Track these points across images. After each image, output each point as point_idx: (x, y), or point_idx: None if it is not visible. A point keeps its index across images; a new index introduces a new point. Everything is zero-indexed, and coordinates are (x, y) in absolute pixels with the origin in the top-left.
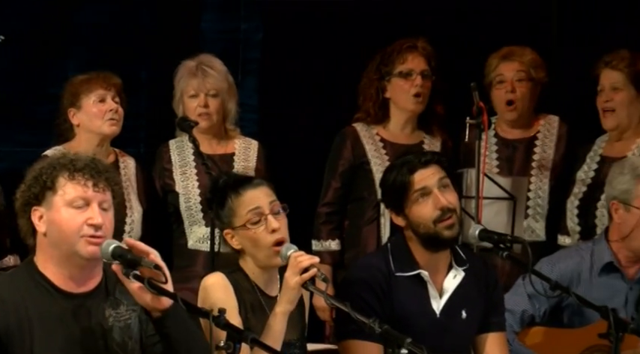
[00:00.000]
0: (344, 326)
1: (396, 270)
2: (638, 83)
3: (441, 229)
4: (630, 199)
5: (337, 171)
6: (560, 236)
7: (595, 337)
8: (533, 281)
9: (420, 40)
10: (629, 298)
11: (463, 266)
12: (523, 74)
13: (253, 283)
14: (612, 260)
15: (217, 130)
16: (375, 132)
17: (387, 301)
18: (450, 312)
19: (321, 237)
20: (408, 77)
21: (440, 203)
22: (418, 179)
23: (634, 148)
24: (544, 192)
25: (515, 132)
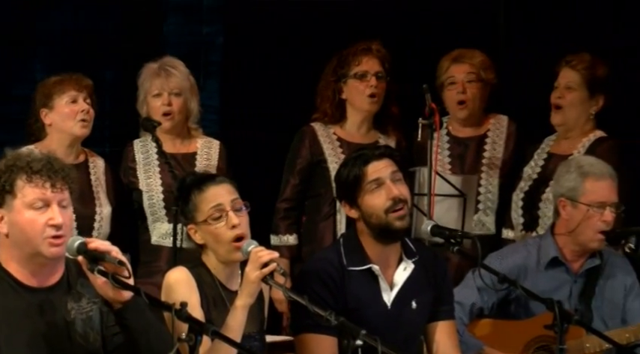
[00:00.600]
0: (299, 320)
1: (348, 264)
2: (592, 87)
3: (393, 219)
4: (577, 195)
5: (295, 168)
6: (504, 230)
7: (541, 328)
8: (483, 275)
9: (375, 43)
10: (574, 291)
11: (413, 258)
12: (473, 76)
13: (215, 278)
14: (558, 255)
15: (180, 129)
16: (332, 131)
17: (341, 295)
18: (400, 303)
19: (279, 232)
20: (363, 79)
21: (392, 193)
22: (372, 170)
23: (580, 147)
24: (494, 187)
25: (467, 131)
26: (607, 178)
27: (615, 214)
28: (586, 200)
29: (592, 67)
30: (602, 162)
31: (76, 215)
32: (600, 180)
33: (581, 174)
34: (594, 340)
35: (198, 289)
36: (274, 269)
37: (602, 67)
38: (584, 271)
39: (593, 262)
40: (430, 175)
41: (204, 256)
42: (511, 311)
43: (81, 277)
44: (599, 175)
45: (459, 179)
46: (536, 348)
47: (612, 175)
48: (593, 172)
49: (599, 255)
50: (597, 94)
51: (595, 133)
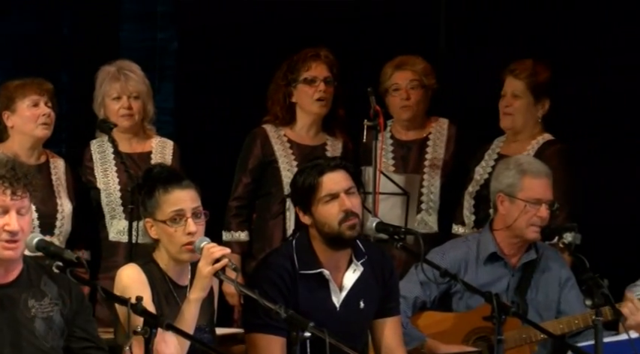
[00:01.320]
0: (250, 320)
1: (300, 268)
2: (536, 92)
3: (344, 229)
4: (515, 191)
5: (247, 168)
6: (455, 226)
7: (480, 319)
8: (425, 269)
9: (323, 49)
10: (511, 285)
11: (362, 259)
12: (416, 82)
13: (165, 274)
14: (496, 250)
15: (137, 130)
16: (283, 133)
17: (292, 298)
18: (349, 304)
19: (231, 228)
20: (312, 83)
21: (345, 206)
22: (327, 182)
23: (529, 149)
24: (436, 188)
25: (410, 133)
26: (544, 177)
27: (550, 210)
28: (523, 196)
29: (535, 74)
30: (539, 161)
31: (39, 214)
32: (537, 178)
33: (520, 171)
34: (530, 331)
35: (149, 285)
36: (226, 264)
37: (545, 71)
38: (521, 265)
39: (529, 256)
40: (375, 175)
41: (156, 253)
42: (452, 304)
43: (45, 275)
44: (537, 173)
45: (403, 178)
46: (475, 338)
47: (548, 174)
48: (531, 170)
49: (535, 250)
50: (542, 98)
51: (544, 136)
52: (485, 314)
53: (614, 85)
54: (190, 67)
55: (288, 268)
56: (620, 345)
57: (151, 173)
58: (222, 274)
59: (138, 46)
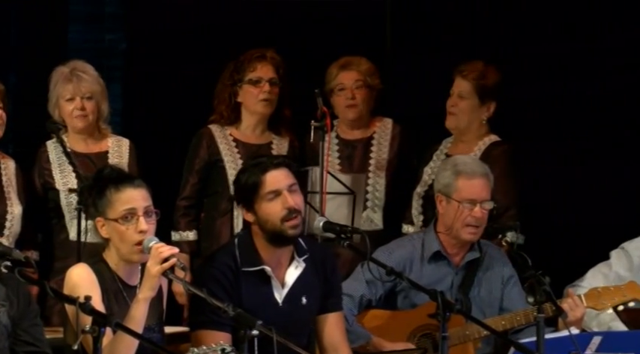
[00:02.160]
0: (196, 317)
1: (242, 265)
2: (482, 95)
3: (287, 227)
4: (450, 192)
5: (194, 168)
6: (405, 226)
7: (425, 317)
8: (371, 268)
9: (269, 50)
10: (455, 283)
11: (303, 256)
12: (360, 82)
13: (115, 274)
14: (440, 249)
15: (92, 129)
16: (229, 133)
17: (235, 294)
18: (291, 300)
19: (179, 228)
20: (257, 84)
21: (288, 204)
22: (269, 180)
23: (476, 149)
24: (381, 186)
25: (355, 133)
26: (478, 177)
27: (487, 210)
28: (457, 197)
29: (482, 77)
30: (477, 161)
31: None
32: (472, 178)
33: (455, 172)
34: (473, 328)
35: (98, 285)
36: (174, 264)
37: (494, 75)
38: (464, 264)
39: (472, 255)
40: (322, 174)
41: (105, 252)
42: (397, 302)
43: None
44: (471, 174)
45: (349, 178)
46: (420, 336)
47: (484, 174)
48: (466, 171)
49: (479, 248)
50: (488, 101)
51: (490, 138)
52: (429, 312)
53: (566, 88)
54: (138, 69)
55: (231, 265)
56: (562, 341)
57: (101, 174)
58: (170, 274)
59: (86, 47)
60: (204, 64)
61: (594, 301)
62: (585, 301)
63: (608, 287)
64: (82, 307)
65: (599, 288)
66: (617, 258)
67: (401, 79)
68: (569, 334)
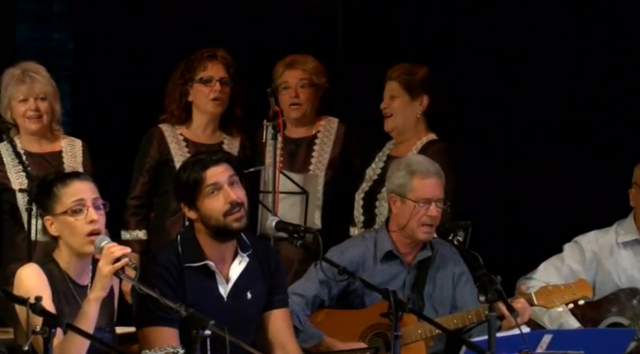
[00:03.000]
0: (142, 314)
1: (185, 261)
2: (411, 90)
3: (231, 221)
4: (405, 192)
5: (144, 167)
6: (351, 228)
7: (377, 316)
8: (324, 268)
9: (220, 49)
10: (407, 282)
11: (247, 251)
12: (305, 81)
13: (65, 274)
14: (392, 248)
15: (45, 131)
16: (179, 132)
17: (180, 291)
18: (236, 295)
19: (129, 227)
20: (208, 83)
21: (230, 197)
22: (210, 175)
23: (414, 149)
24: (320, 185)
25: (299, 131)
26: (432, 176)
27: (441, 209)
28: (413, 196)
29: (408, 73)
30: (429, 161)
31: None
32: (426, 178)
33: (409, 172)
34: (425, 326)
35: (49, 285)
36: (126, 263)
37: (420, 69)
38: (416, 263)
39: (424, 254)
40: (274, 174)
41: (56, 252)
42: (350, 301)
43: None
44: (425, 173)
45: (302, 177)
46: (372, 335)
47: (438, 173)
48: (420, 171)
49: (431, 247)
50: (419, 95)
51: (428, 136)
52: (382, 311)
53: (513, 90)
54: (87, 68)
55: (174, 261)
56: (513, 339)
57: (46, 178)
58: (122, 273)
59: (34, 46)
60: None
61: (545, 299)
62: (536, 300)
63: (558, 286)
64: (32, 308)
65: (549, 286)
66: (570, 251)
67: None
68: (520, 333)
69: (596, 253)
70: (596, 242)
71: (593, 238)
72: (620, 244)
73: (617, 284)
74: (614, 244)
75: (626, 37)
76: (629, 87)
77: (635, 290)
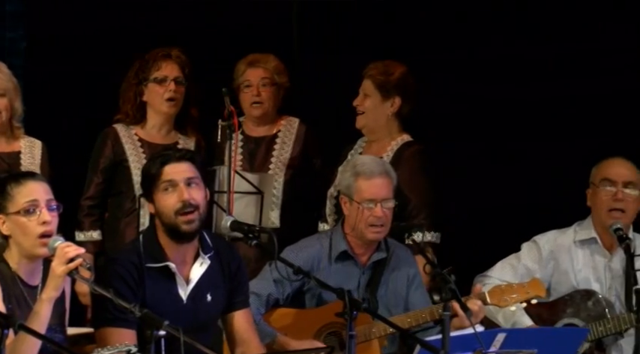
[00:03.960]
0: (99, 315)
1: (146, 261)
2: (384, 90)
3: (181, 221)
4: (351, 193)
5: (99, 168)
6: (321, 224)
7: (332, 315)
8: (279, 267)
9: (175, 49)
10: (361, 282)
11: (209, 253)
12: (267, 80)
13: (15, 274)
14: (347, 249)
15: (5, 128)
16: (134, 132)
17: (140, 291)
18: (196, 297)
19: (84, 228)
20: (162, 83)
21: (183, 196)
22: (168, 171)
23: (389, 149)
24: (279, 184)
25: (259, 130)
26: (377, 177)
27: (388, 209)
28: (358, 198)
29: (383, 73)
30: (376, 161)
31: None
32: (371, 179)
33: (354, 173)
34: (380, 326)
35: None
36: (80, 264)
37: (396, 70)
38: (371, 264)
39: (379, 255)
40: (229, 174)
41: (6, 252)
42: (305, 301)
43: None
44: (369, 174)
45: (257, 177)
46: (327, 334)
47: (384, 173)
48: (364, 172)
49: (386, 248)
50: (391, 95)
51: (402, 137)
52: (336, 310)
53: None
54: (39, 68)
55: (135, 262)
56: (467, 338)
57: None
58: (76, 274)
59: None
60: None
61: (497, 298)
62: (489, 299)
63: (511, 285)
64: None
65: (502, 285)
66: (528, 250)
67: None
68: (474, 332)
69: (553, 252)
70: (554, 241)
71: (551, 237)
72: (577, 243)
73: (573, 284)
74: (571, 244)
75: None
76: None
77: (590, 292)
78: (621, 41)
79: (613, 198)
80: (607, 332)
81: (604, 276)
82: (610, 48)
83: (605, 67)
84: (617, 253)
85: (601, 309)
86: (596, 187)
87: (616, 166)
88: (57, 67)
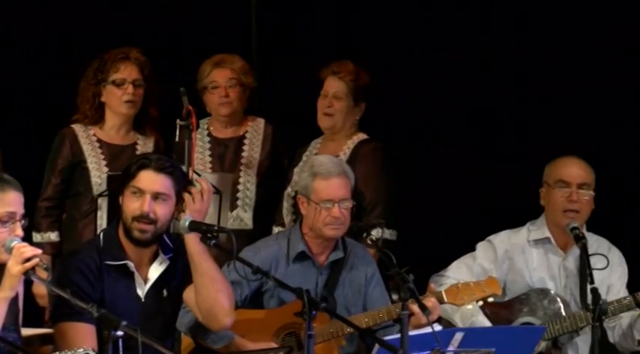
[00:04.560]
0: (57, 309)
1: (105, 259)
2: (356, 96)
3: (135, 228)
4: (309, 193)
5: (56, 168)
6: (275, 227)
7: (290, 316)
8: (237, 267)
9: (133, 50)
10: (319, 282)
11: (169, 254)
12: (234, 81)
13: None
14: (305, 249)
15: None
16: (92, 133)
17: (98, 287)
18: (153, 295)
19: (41, 229)
20: (121, 86)
21: (143, 208)
22: (141, 178)
23: (345, 148)
24: (252, 185)
25: (227, 132)
26: (334, 177)
27: (346, 210)
28: (315, 198)
29: (357, 78)
30: (334, 161)
31: None
32: (327, 179)
33: (311, 174)
34: (338, 325)
35: None
36: (37, 264)
37: (365, 76)
38: (329, 264)
39: (337, 255)
40: (188, 173)
41: None
42: (263, 302)
43: None
44: (326, 175)
45: (216, 177)
46: (285, 334)
47: (342, 173)
48: (321, 172)
49: (344, 248)
50: (360, 101)
51: (358, 136)
52: (295, 311)
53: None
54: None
55: (95, 258)
56: (425, 337)
57: None
58: (33, 274)
59: None
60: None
61: (454, 297)
62: (445, 297)
63: (468, 283)
64: None
65: (459, 284)
66: (483, 250)
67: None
68: (432, 331)
69: (508, 252)
70: (509, 241)
71: (505, 237)
72: (532, 242)
73: (528, 283)
74: (525, 243)
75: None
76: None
77: (545, 291)
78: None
79: (568, 199)
80: (563, 330)
81: (559, 275)
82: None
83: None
84: (571, 252)
85: (557, 307)
86: (550, 188)
87: (571, 166)
88: (13, 66)
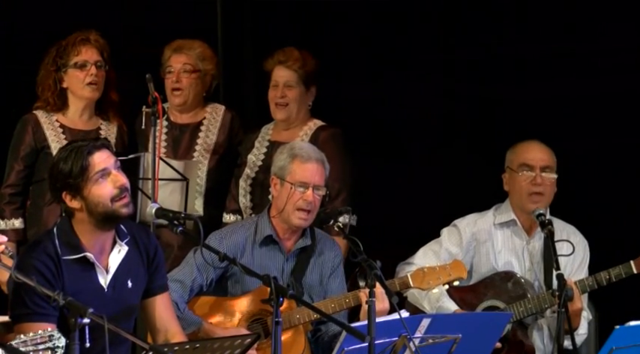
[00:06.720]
0: (17, 310)
1: (62, 254)
2: (307, 82)
3: (118, 206)
4: (284, 174)
5: (19, 155)
6: (226, 215)
7: (257, 302)
8: (204, 253)
9: (93, 33)
10: (286, 268)
11: (125, 239)
12: (189, 66)
13: None
14: (272, 233)
15: None
16: (55, 118)
17: (59, 283)
18: (116, 285)
19: (5, 216)
20: (83, 68)
21: (119, 182)
22: (97, 162)
23: (301, 134)
24: (203, 172)
25: (184, 117)
26: (313, 162)
27: (319, 196)
28: (291, 179)
29: (305, 65)
30: (314, 149)
31: None
32: (306, 162)
33: (291, 155)
34: (304, 312)
35: None
36: (2, 251)
37: (312, 61)
38: (296, 250)
39: (304, 242)
40: (154, 161)
41: None
42: (228, 287)
43: None
44: (306, 158)
45: (182, 164)
46: (252, 321)
47: (320, 160)
48: (301, 155)
49: (312, 236)
50: (311, 86)
51: (314, 122)
52: (261, 297)
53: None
54: None
55: (52, 254)
56: (392, 324)
57: None
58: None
59: None
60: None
61: (420, 281)
62: (412, 282)
63: (433, 267)
64: None
65: (424, 268)
66: (449, 235)
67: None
68: (399, 317)
69: (474, 235)
70: (474, 225)
71: (471, 220)
72: (497, 225)
73: (493, 266)
74: (491, 226)
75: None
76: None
77: (509, 273)
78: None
79: (532, 182)
80: (528, 312)
81: (523, 257)
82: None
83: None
84: (535, 234)
85: (521, 290)
86: (513, 172)
87: (533, 150)
88: None
